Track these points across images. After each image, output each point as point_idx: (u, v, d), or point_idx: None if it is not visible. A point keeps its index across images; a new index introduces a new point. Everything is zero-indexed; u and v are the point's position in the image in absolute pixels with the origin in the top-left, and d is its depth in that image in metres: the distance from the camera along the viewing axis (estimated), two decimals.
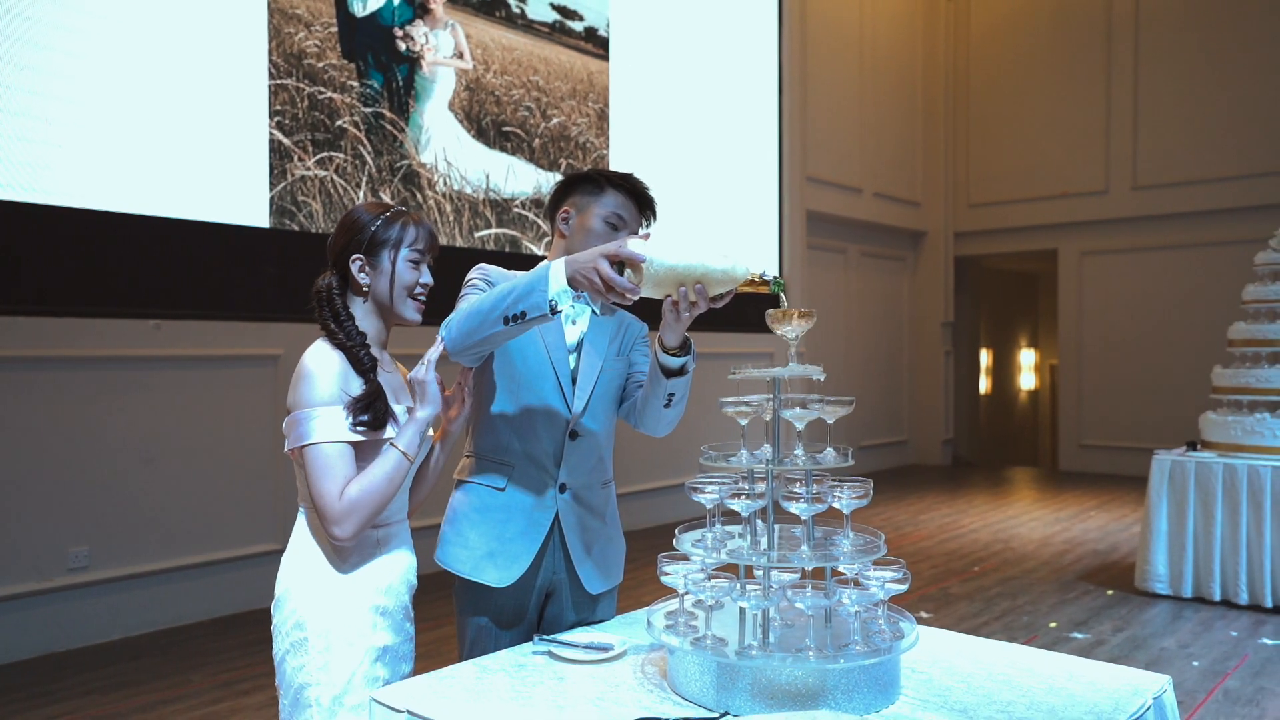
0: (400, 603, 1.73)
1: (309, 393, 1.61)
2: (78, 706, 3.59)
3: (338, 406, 1.61)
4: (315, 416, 1.60)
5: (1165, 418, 9.47)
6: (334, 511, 1.58)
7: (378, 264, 1.69)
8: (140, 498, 4.46)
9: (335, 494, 1.58)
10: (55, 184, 4.18)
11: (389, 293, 1.70)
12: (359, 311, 1.71)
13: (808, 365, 1.55)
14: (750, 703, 1.40)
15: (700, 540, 1.56)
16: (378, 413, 1.63)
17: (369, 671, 1.65)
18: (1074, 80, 10.46)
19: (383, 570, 1.70)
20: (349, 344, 1.65)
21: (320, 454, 1.59)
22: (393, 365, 1.80)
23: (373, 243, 1.69)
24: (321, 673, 1.62)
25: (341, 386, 1.62)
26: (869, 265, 10.70)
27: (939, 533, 7.12)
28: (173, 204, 4.55)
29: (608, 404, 1.96)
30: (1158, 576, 5.18)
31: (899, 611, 1.53)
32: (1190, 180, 9.78)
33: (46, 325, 4.17)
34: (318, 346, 1.66)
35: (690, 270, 1.55)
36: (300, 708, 1.63)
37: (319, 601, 1.64)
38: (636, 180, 1.97)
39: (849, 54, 9.96)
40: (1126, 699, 1.48)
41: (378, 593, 1.67)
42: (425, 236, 1.72)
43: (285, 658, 1.65)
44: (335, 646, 1.63)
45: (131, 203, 4.41)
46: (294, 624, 1.64)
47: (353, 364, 1.65)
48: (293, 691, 1.64)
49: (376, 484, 1.61)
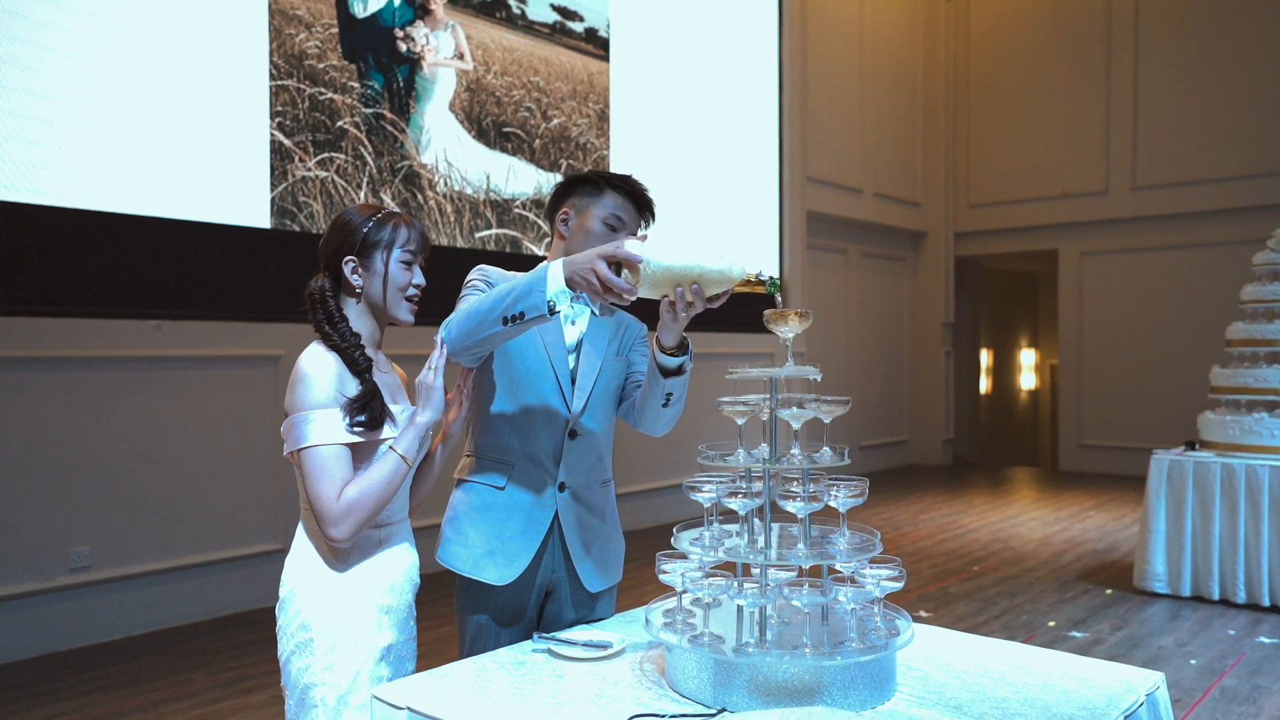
0: (404, 601, 1.74)
1: (305, 395, 1.62)
2: (79, 706, 3.61)
3: (334, 408, 1.62)
4: (312, 419, 1.61)
5: (1165, 418, 9.48)
6: (331, 513, 1.59)
7: (370, 265, 1.70)
8: (142, 498, 4.48)
9: (332, 496, 1.59)
10: (57, 185, 4.20)
11: (382, 294, 1.71)
12: (352, 313, 1.72)
13: (804, 366, 1.56)
14: (747, 699, 1.41)
15: (698, 539, 1.58)
16: (374, 413, 1.64)
17: (374, 670, 1.67)
18: (1074, 81, 10.48)
19: (386, 569, 1.71)
20: (344, 345, 1.66)
21: (317, 456, 1.60)
22: (388, 365, 1.81)
23: (365, 244, 1.70)
24: (327, 673, 1.63)
25: (338, 388, 1.63)
26: (869, 265, 10.71)
27: (939, 532, 7.13)
28: (174, 205, 4.57)
29: (607, 404, 1.97)
30: (1156, 576, 5.19)
31: (895, 609, 1.55)
32: (1189, 181, 9.80)
33: (48, 326, 4.18)
34: (313, 349, 1.67)
35: (687, 271, 1.56)
36: (306, 708, 1.64)
37: (324, 602, 1.65)
38: (635, 182, 1.98)
39: (849, 54, 9.98)
40: (1120, 695, 1.49)
41: (381, 592, 1.69)
42: (417, 238, 1.73)
43: (290, 658, 1.66)
44: (340, 646, 1.64)
45: (133, 203, 4.43)
46: (299, 625, 1.65)
47: (348, 365, 1.66)
48: (298, 692, 1.65)
49: (374, 487, 1.62)
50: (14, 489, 4.10)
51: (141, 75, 4.46)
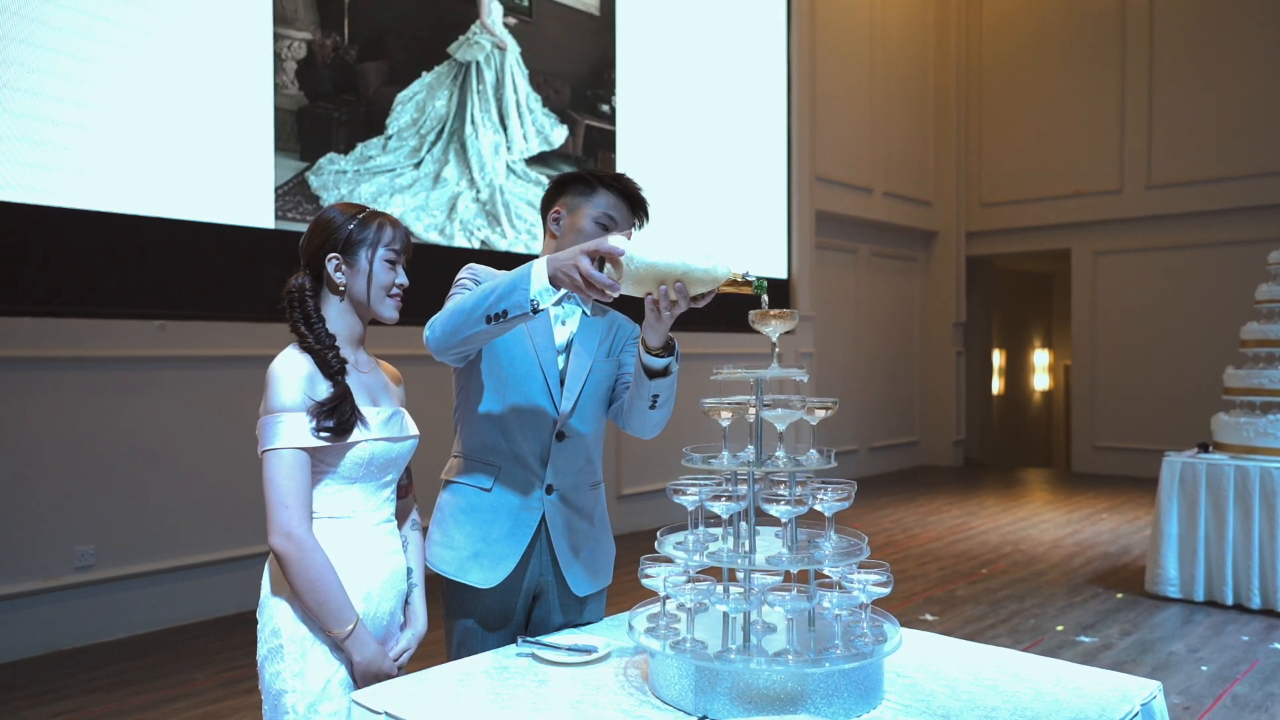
0: (384, 609, 1.72)
1: (273, 398, 1.61)
2: (82, 704, 3.61)
3: (301, 412, 1.61)
4: (279, 422, 1.60)
5: (1179, 419, 9.37)
6: (277, 521, 1.58)
7: (355, 263, 1.69)
8: (146, 497, 4.49)
9: (284, 501, 1.58)
10: (61, 186, 4.21)
11: (366, 292, 1.70)
12: (334, 310, 1.71)
13: (790, 368, 1.53)
14: (729, 706, 1.39)
15: (682, 542, 1.55)
16: (342, 417, 1.62)
17: (345, 679, 1.65)
18: (1087, 78, 10.38)
19: (363, 576, 1.68)
20: (317, 347, 1.65)
21: (278, 459, 1.59)
22: (370, 365, 1.79)
23: (349, 242, 1.69)
24: (297, 680, 1.62)
25: (306, 391, 1.62)
26: (880, 265, 10.65)
27: (948, 534, 7.07)
28: (176, 205, 4.57)
29: (596, 405, 1.95)
30: (1168, 580, 5.12)
31: (884, 615, 1.51)
32: (1205, 179, 9.69)
33: (52, 326, 4.19)
34: (286, 352, 1.66)
35: (671, 268, 1.54)
36: (279, 713, 1.63)
37: (294, 609, 1.64)
38: (629, 181, 1.95)
39: (859, 51, 9.91)
40: (1113, 705, 1.46)
41: (356, 599, 1.66)
42: (401, 237, 1.73)
43: (265, 663, 1.66)
44: (310, 654, 1.63)
45: (136, 204, 4.44)
46: (271, 630, 1.65)
47: (321, 367, 1.64)
48: (271, 697, 1.64)
49: (316, 579, 1.59)
50: (18, 488, 4.11)
51: (146, 77, 4.47)
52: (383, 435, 1.69)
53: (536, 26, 6.30)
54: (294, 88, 5.01)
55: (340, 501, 1.67)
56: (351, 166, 5.28)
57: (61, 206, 4.21)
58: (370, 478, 1.70)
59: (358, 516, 1.69)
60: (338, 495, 1.67)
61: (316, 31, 5.11)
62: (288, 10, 4.98)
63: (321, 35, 5.14)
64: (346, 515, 1.68)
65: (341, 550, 1.66)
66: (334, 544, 1.64)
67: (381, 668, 1.66)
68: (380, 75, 5.45)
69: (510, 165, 6.12)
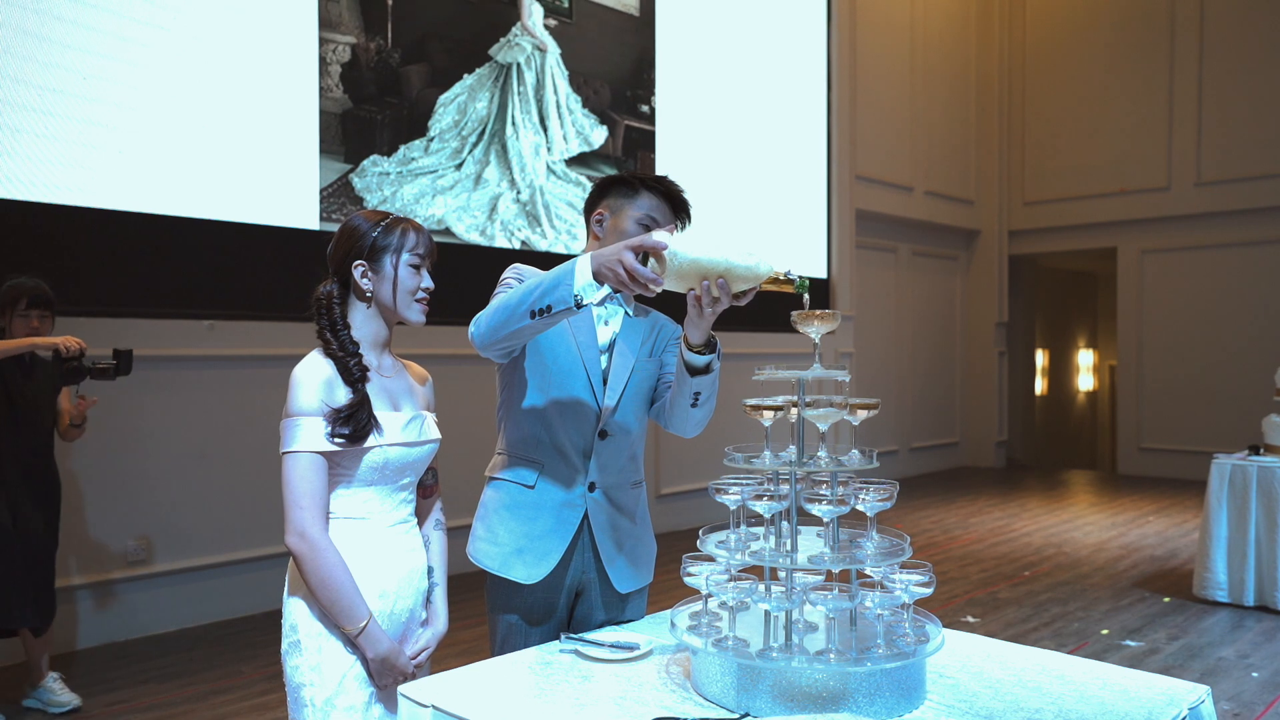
0: (402, 607, 1.76)
1: (293, 402, 1.67)
2: (133, 695, 3.71)
3: (318, 417, 1.65)
4: (298, 425, 1.65)
5: (1229, 421, 9.17)
6: (294, 521, 1.64)
7: (380, 269, 1.73)
8: (195, 493, 4.59)
9: (299, 503, 1.64)
10: (115, 189, 4.32)
11: (392, 297, 1.74)
12: (361, 316, 1.76)
13: (832, 369, 1.53)
14: (771, 704, 1.40)
15: (724, 541, 1.56)
16: (358, 424, 1.66)
17: (361, 673, 1.70)
18: (1134, 72, 10.19)
19: (380, 574, 1.73)
20: (340, 354, 1.70)
21: (295, 462, 1.65)
22: (395, 369, 1.83)
23: (374, 249, 1.73)
24: (314, 673, 1.68)
25: (324, 396, 1.66)
26: (921, 265, 10.55)
27: (990, 536, 6.99)
28: (225, 207, 4.67)
29: (639, 404, 1.96)
30: (1218, 584, 5.02)
31: (926, 615, 1.51)
32: (1256, 175, 9.46)
33: (105, 326, 4.30)
34: (310, 356, 1.71)
35: (714, 264, 1.54)
36: (299, 706, 1.69)
37: (309, 606, 1.70)
38: (671, 183, 1.97)
39: (900, 48, 9.83)
40: (1160, 709, 1.44)
41: (372, 597, 1.70)
42: (425, 242, 1.77)
43: (286, 656, 1.72)
44: (325, 649, 1.68)
45: (187, 207, 4.54)
46: (290, 625, 1.71)
47: (342, 373, 1.69)
48: (292, 689, 1.71)
49: (328, 577, 1.64)
50: (69, 483, 4.23)
51: (194, 81, 4.56)
52: (399, 440, 1.73)
53: (576, 28, 6.34)
54: (338, 91, 5.09)
55: (356, 503, 1.72)
56: (394, 168, 5.35)
57: (115, 209, 4.31)
58: (386, 481, 1.74)
59: (373, 518, 1.74)
60: (354, 497, 1.72)
61: (360, 35, 5.20)
62: (332, 15, 5.07)
63: (365, 39, 5.22)
64: (362, 516, 1.73)
65: (357, 550, 1.70)
66: (350, 544, 1.69)
67: (396, 664, 1.70)
68: (422, 78, 5.52)
69: (550, 166, 6.16)
